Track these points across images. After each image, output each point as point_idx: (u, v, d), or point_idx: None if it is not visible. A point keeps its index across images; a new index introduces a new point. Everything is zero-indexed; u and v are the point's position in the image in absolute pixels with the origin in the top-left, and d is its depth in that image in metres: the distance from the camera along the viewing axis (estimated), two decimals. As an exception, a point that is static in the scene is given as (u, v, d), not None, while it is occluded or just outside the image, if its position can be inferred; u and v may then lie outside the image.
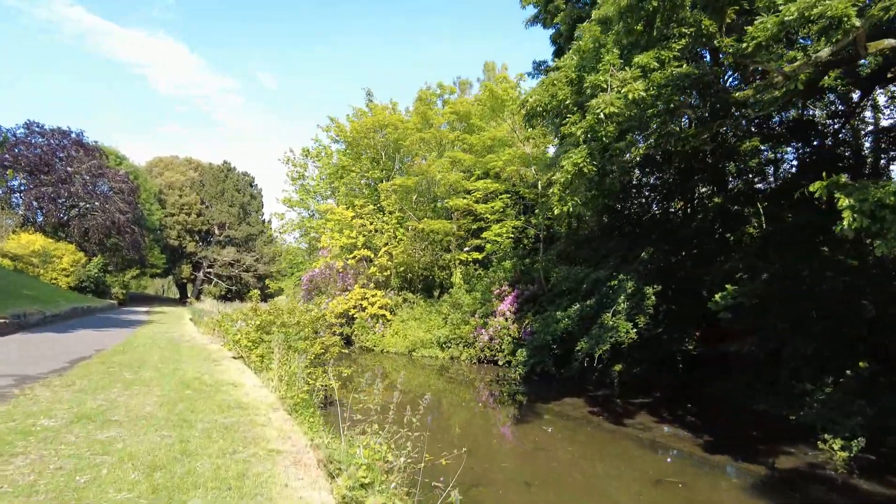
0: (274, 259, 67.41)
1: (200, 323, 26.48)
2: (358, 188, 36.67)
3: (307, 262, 40.45)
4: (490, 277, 23.13)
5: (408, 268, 29.32)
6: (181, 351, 13.93)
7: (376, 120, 28.83)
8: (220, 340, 18.90)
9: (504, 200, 22.64)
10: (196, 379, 9.35)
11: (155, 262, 57.09)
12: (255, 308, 12.99)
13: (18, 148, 39.82)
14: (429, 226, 25.23)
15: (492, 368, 20.96)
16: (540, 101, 8.37)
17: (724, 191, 16.68)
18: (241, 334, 12.40)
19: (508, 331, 20.44)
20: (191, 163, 70.05)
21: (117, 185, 45.16)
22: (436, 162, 24.49)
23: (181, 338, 18.41)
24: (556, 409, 13.59)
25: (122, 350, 13.59)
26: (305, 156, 46.32)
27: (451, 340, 22.98)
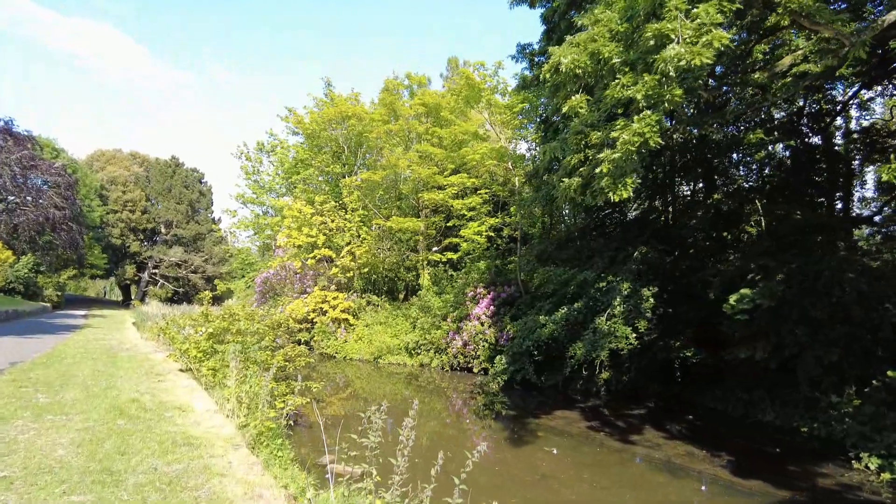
0: (224, 260, 64.19)
1: (144, 328, 24.12)
2: (317, 184, 34.71)
3: (261, 262, 38.12)
4: (463, 279, 21.75)
5: (372, 269, 27.64)
6: (118, 363, 11.97)
7: (338, 111, 27.03)
8: (166, 348, 16.87)
9: (483, 196, 21.24)
10: (133, 401, 7.59)
11: (95, 263, 53.27)
12: (206, 313, 11.19)
13: (-64, 135, 36.07)
14: (398, 224, 23.64)
15: (466, 376, 19.58)
16: (577, 63, 6.96)
17: (717, 188, 15.85)
18: (189, 343, 10.60)
19: (485, 336, 19.11)
20: (136, 157, 66.01)
21: (52, 179, 41.60)
22: (404, 156, 22.95)
23: (120, 346, 16.28)
24: (549, 424, 12.31)
25: (45, 362, 11.54)
26: (260, 150, 43.96)
27: (422, 346, 21.48)
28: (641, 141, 6.33)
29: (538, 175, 17.51)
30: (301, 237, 26.46)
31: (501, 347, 18.55)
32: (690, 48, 5.68)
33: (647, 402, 14.60)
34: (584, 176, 8.72)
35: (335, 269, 26.88)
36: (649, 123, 6.24)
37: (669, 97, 6.14)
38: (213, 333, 10.36)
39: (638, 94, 6.24)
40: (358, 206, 28.37)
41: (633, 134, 6.33)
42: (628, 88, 6.50)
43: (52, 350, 14.12)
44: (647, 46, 6.20)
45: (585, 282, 15.05)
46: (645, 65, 6.46)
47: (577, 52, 7.02)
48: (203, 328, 10.80)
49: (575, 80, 7.47)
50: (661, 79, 6.08)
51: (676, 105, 6.45)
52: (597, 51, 6.93)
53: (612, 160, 6.77)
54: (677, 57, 5.69)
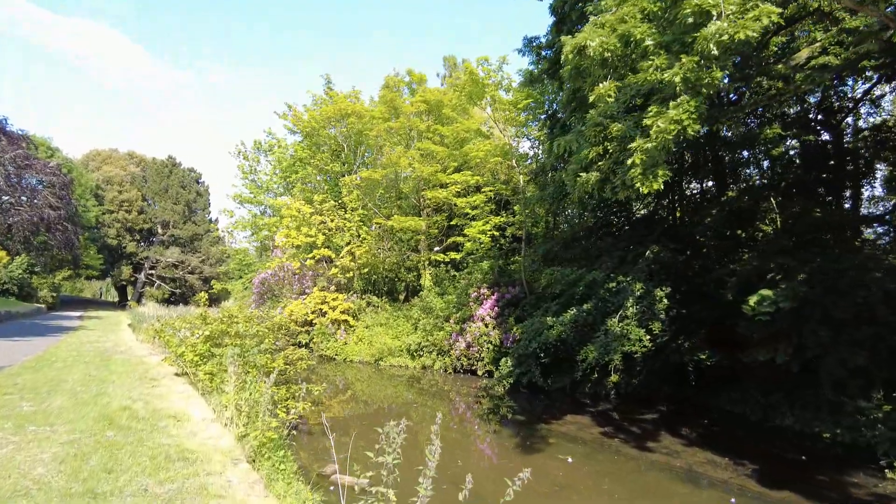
0: (221, 260, 63.57)
1: (140, 330, 23.59)
2: (316, 184, 34.21)
3: (259, 263, 37.57)
4: (466, 279, 21.27)
5: (372, 269, 27.14)
6: (112, 366, 11.47)
7: (337, 108, 26.51)
8: (162, 351, 16.38)
9: (487, 194, 20.71)
10: (125, 409, 7.11)
11: (91, 263, 52.64)
12: (204, 315, 10.69)
13: (-72, 134, 35.43)
14: (399, 223, 23.12)
15: (470, 379, 19.12)
16: (606, 46, 6.46)
17: (728, 185, 15.41)
18: (185, 347, 10.11)
19: (489, 338, 18.65)
20: (132, 157, 65.37)
21: (47, 178, 40.95)
22: (405, 154, 22.46)
23: (114, 348, 15.78)
24: (560, 429, 11.84)
25: (34, 366, 11.05)
26: (257, 149, 43.46)
27: (424, 348, 20.99)
28: (678, 129, 5.86)
29: (544, 172, 17.12)
30: (300, 237, 25.96)
31: (506, 349, 18.09)
32: (734, 23, 5.21)
33: (658, 406, 14.15)
34: (604, 170, 8.27)
35: (335, 269, 26.38)
36: (687, 110, 5.78)
37: (709, 80, 5.68)
38: (211, 336, 9.87)
39: (676, 77, 5.77)
40: (358, 206, 27.87)
41: (670, 122, 5.86)
42: (664, 71, 6.03)
43: (43, 353, 13.62)
44: (684, 25, 5.74)
45: (594, 282, 14.60)
46: (682, 46, 5.99)
47: (605, 34, 6.54)
48: (200, 331, 10.32)
49: (602, 65, 6.98)
50: (699, 60, 5.61)
51: (715, 89, 5.99)
52: (627, 32, 6.44)
53: (644, 150, 6.30)
54: (719, 32, 5.22)
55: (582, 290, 14.81)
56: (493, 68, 18.67)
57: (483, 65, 18.59)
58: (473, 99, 20.17)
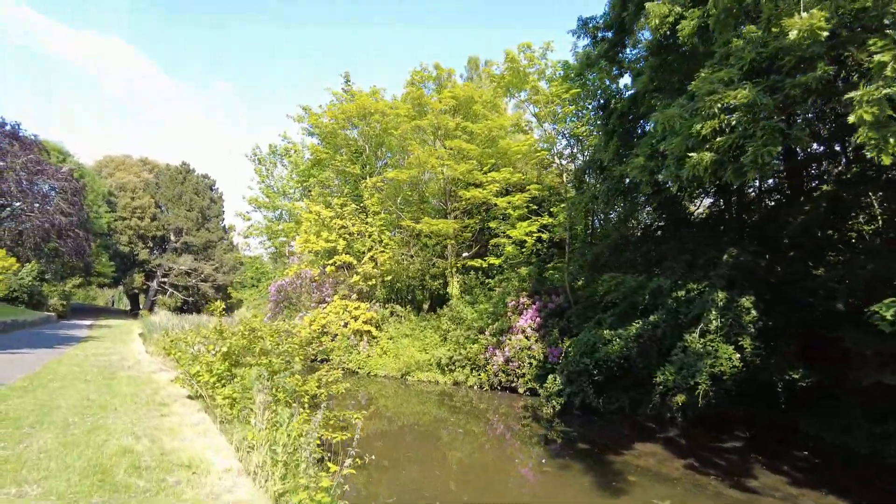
0: (235, 268, 62.32)
1: (150, 340, 22.14)
2: (335, 187, 32.75)
3: (275, 270, 36.08)
4: (501, 287, 19.55)
5: (395, 276, 25.54)
6: (115, 387, 9.91)
7: (359, 106, 25.03)
8: (174, 365, 14.85)
9: (531, 192, 18.95)
10: (125, 453, 5.51)
11: (102, 271, 51.54)
12: (221, 328, 9.09)
13: (-59, 139, 34.54)
14: (429, 226, 21.45)
15: (509, 397, 17.38)
16: None
17: (805, 181, 13.64)
18: (201, 365, 8.52)
19: (531, 352, 16.93)
20: (146, 163, 64.49)
21: (59, 184, 39.96)
22: (435, 152, 20.88)
23: (121, 363, 14.25)
24: (636, 462, 10.10)
25: (27, 386, 9.51)
26: (273, 153, 42.25)
27: (456, 362, 19.29)
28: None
29: (599, 165, 15.42)
30: (319, 242, 24.43)
31: (551, 365, 16.37)
32: None
33: (736, 432, 12.36)
34: (721, 148, 6.59)
35: (356, 276, 24.81)
36: None
37: None
38: (230, 353, 8.29)
39: None
40: (380, 209, 26.33)
41: None
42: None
43: (42, 369, 12.11)
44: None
45: (660, 290, 12.87)
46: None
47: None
48: (217, 346, 8.74)
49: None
50: None
51: None
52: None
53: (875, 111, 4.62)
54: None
55: (646, 300, 13.07)
56: (537, 55, 17.07)
57: (525, 52, 16.99)
58: (511, 91, 18.59)
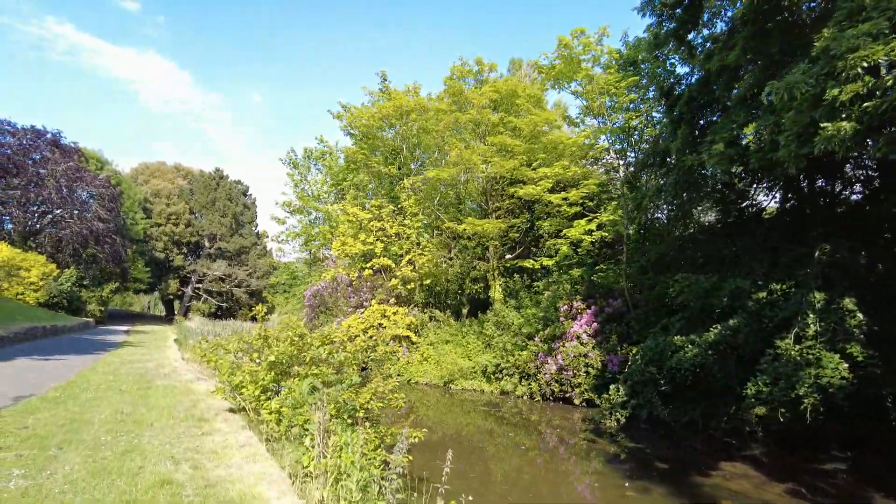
0: (268, 273, 62.28)
1: (186, 346, 21.62)
2: (370, 190, 32.04)
3: (311, 274, 35.47)
4: (551, 291, 18.38)
5: (434, 280, 24.58)
6: (151, 398, 9.14)
7: (395, 104, 24.20)
8: (211, 373, 14.13)
9: (590, 187, 17.67)
10: (163, 483, 4.62)
11: (139, 277, 51.93)
12: (265, 334, 8.18)
13: (-15, 148, 34.99)
14: (472, 227, 20.38)
15: (563, 408, 16.22)
16: None
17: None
18: (244, 375, 7.65)
19: (587, 359, 15.74)
20: (179, 170, 65.05)
21: (97, 191, 40.25)
22: (477, 149, 19.88)
23: (157, 370, 13.58)
24: (727, 485, 8.88)
25: (59, 397, 8.80)
26: (308, 157, 41.86)
27: (503, 370, 18.19)
28: None
29: (662, 157, 14.18)
30: (357, 245, 23.63)
31: (611, 374, 15.17)
32: None
33: (833, 451, 10.99)
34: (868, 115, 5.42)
35: (394, 280, 23.93)
36: None
37: None
38: (277, 363, 7.41)
39: None
40: (417, 211, 25.44)
41: None
42: None
43: (76, 377, 11.46)
44: None
45: (739, 292, 11.61)
46: None
47: None
48: (261, 355, 7.86)
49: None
50: None
51: None
52: None
53: None
54: None
55: (724, 303, 11.80)
56: (592, 40, 15.90)
57: (579, 37, 15.85)
58: (561, 81, 17.44)
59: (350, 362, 7.65)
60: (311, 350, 7.47)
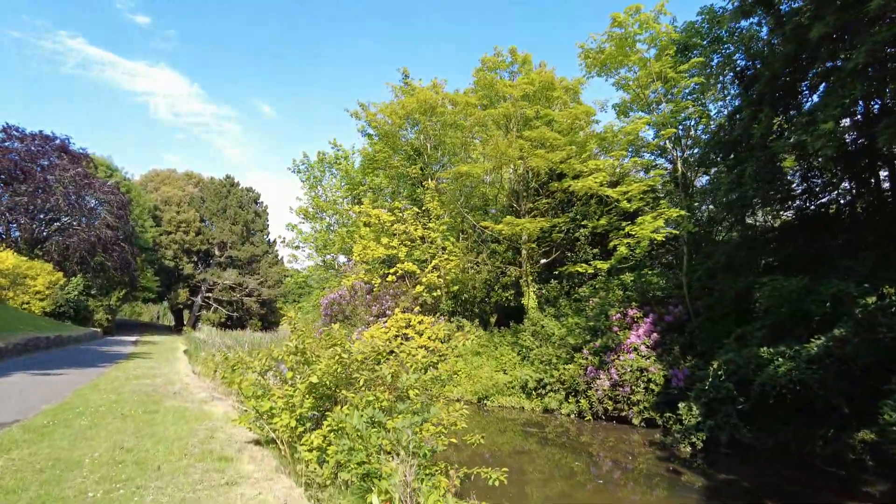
0: (279, 282, 60.83)
1: (197, 359, 20.09)
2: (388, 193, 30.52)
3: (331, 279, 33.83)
4: (599, 298, 16.63)
5: (462, 287, 22.94)
6: (158, 425, 7.54)
7: (420, 99, 22.69)
8: (226, 390, 12.54)
9: (655, 180, 15.70)
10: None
11: (148, 286, 50.63)
12: (303, 347, 6.44)
13: (-9, 153, 33.96)
14: (512, 227, 18.57)
15: (618, 429, 14.45)
16: None
17: None
18: (274, 400, 6.02)
19: (648, 374, 13.99)
20: (190, 177, 63.90)
21: (106, 197, 39.04)
22: (515, 142, 18.24)
23: (166, 387, 12.00)
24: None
25: (49, 424, 7.22)
26: (321, 161, 40.47)
27: (547, 385, 16.46)
28: None
29: (733, 146, 12.53)
30: (379, 249, 22.04)
31: (675, 390, 13.41)
32: None
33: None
34: None
35: (419, 287, 22.30)
36: None
37: None
38: (320, 385, 5.77)
39: None
40: (443, 213, 23.84)
41: None
42: None
43: (72, 396, 9.90)
44: None
45: (844, 296, 9.89)
46: None
47: None
48: (296, 373, 6.21)
49: None
50: None
51: None
52: None
53: None
54: None
55: (824, 308, 10.08)
56: (652, 16, 14.21)
57: (634, 15, 14.20)
58: (610, 66, 15.74)
59: (413, 387, 6.00)
60: (362, 370, 5.85)
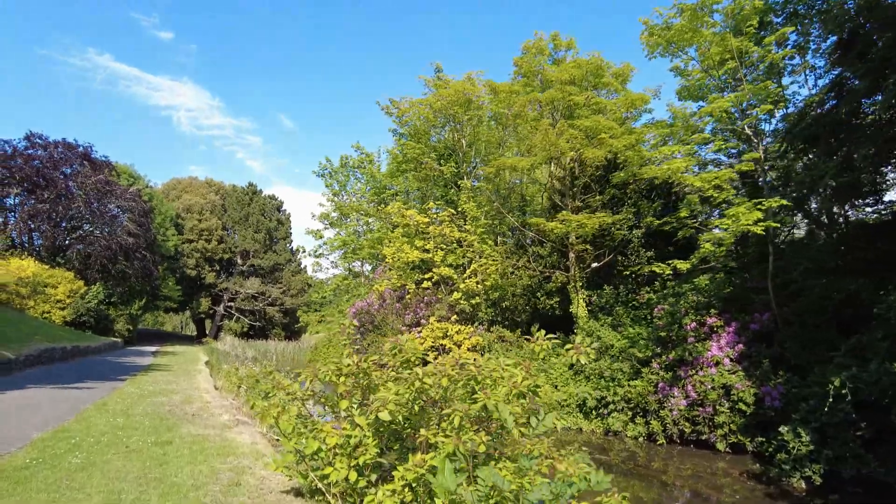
0: (302, 291, 59.54)
1: (219, 372, 18.63)
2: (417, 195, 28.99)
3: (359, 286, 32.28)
4: (671, 305, 14.69)
5: (502, 293, 21.17)
6: (170, 463, 5.93)
7: (458, 90, 21.07)
8: (249, 412, 10.95)
9: (748, 165, 13.49)
10: None
11: (170, 294, 49.69)
12: (367, 368, 4.63)
13: (16, 160, 33.31)
14: (567, 226, 16.61)
15: (698, 454, 12.49)
16: None
17: None
18: (324, 441, 4.34)
19: (736, 392, 12.02)
20: (212, 185, 63.09)
21: (127, 204, 38.19)
22: (565, 132, 16.48)
23: (184, 406, 10.44)
24: None
25: (33, 462, 5.64)
26: (344, 165, 39.19)
27: (610, 404, 14.55)
28: None
29: (834, 125, 10.62)
30: (414, 252, 20.39)
31: (770, 410, 11.46)
32: None
33: None
34: None
35: (457, 294, 20.59)
36: None
37: None
38: (390, 424, 4.04)
39: None
40: (480, 214, 22.15)
41: None
42: None
43: (73, 420, 8.34)
44: None
45: None
46: None
47: None
48: (352, 403, 4.51)
49: None
50: None
51: None
52: None
53: None
54: None
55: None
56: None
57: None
58: (677, 45, 13.92)
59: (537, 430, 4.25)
60: (451, 400, 4.15)
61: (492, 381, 4.51)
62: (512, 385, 4.53)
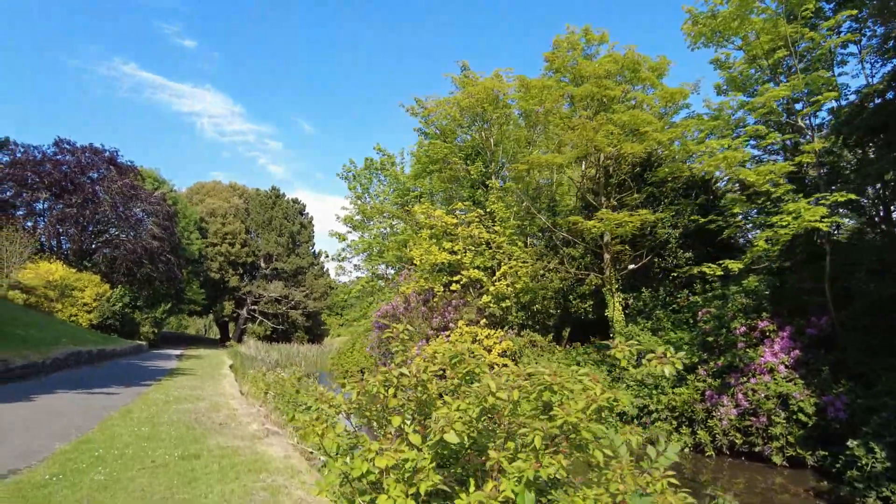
0: (325, 294, 59.39)
1: (245, 377, 18.24)
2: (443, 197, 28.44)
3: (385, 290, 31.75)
4: (718, 308, 13.88)
5: (533, 296, 20.47)
6: (199, 481, 5.44)
7: (487, 87, 20.46)
8: (279, 420, 10.51)
9: (808, 157, 12.56)
10: None
11: (194, 298, 49.89)
12: (425, 376, 4.04)
13: (45, 166, 33.67)
14: (608, 223, 15.64)
15: (749, 468, 11.67)
16: None
17: None
18: (375, 461, 3.78)
19: (794, 401, 11.21)
20: (235, 189, 63.36)
21: (152, 208, 38.34)
22: (602, 127, 15.75)
23: (210, 414, 10.00)
24: None
25: (52, 479, 5.20)
26: (368, 167, 38.78)
27: (653, 413, 13.78)
28: None
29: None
30: (443, 254, 19.82)
31: (834, 422, 10.63)
32: None
33: None
34: None
35: (486, 297, 19.96)
36: None
37: None
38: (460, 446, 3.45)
39: None
40: (508, 215, 21.51)
41: None
42: None
43: (97, 430, 7.92)
44: None
45: None
46: None
47: None
48: (405, 418, 3.93)
49: None
50: None
51: None
52: None
53: None
54: None
55: None
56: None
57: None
58: (722, 34, 13.12)
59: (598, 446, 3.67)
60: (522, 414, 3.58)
61: (569, 393, 3.89)
62: (590, 399, 3.91)
